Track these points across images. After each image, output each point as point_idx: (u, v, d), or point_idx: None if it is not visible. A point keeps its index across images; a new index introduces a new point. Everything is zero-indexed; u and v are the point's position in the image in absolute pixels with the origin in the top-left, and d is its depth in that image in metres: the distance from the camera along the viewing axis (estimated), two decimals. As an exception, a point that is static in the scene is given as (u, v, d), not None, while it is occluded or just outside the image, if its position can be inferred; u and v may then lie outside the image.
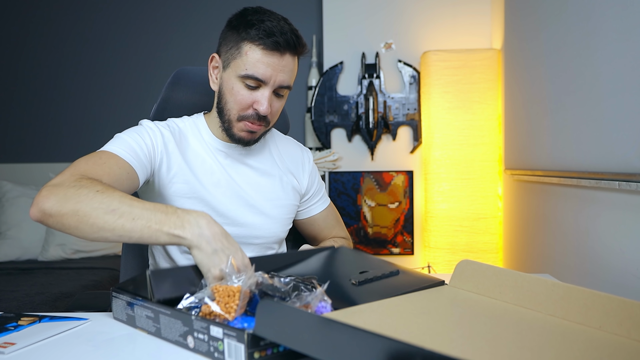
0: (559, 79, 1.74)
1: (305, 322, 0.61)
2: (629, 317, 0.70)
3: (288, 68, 1.09)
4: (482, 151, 2.49)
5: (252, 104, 1.09)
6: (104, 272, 2.47)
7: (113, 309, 0.90)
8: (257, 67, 1.06)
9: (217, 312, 0.74)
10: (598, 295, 0.74)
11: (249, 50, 1.06)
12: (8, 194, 2.87)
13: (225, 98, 1.11)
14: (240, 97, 1.09)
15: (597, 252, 1.49)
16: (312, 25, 3.04)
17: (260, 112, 1.09)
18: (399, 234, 2.73)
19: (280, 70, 1.08)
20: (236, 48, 1.08)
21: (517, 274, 0.85)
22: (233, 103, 1.10)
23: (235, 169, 1.19)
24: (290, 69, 1.10)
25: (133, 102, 3.14)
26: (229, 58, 1.10)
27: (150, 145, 1.10)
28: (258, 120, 1.11)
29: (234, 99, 1.10)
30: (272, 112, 1.12)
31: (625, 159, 1.31)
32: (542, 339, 0.70)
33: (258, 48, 1.06)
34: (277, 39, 1.05)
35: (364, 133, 2.72)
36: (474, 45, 2.69)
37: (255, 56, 1.06)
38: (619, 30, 1.35)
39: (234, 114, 1.11)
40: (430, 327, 0.72)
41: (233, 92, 1.09)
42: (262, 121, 1.12)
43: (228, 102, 1.11)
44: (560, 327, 0.75)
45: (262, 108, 1.08)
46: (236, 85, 1.09)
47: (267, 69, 1.06)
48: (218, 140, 1.19)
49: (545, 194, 1.91)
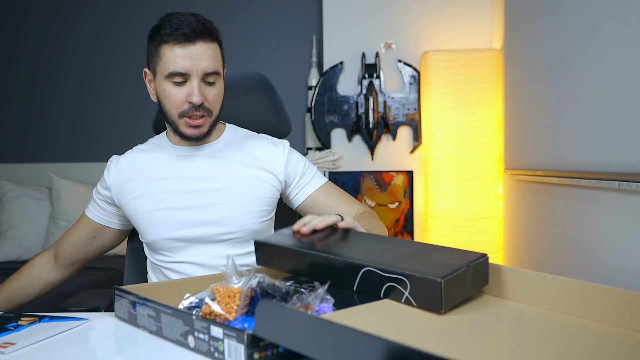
0: (559, 79, 1.74)
1: (304, 323, 0.61)
2: (629, 308, 0.71)
3: (206, 54, 1.14)
4: (482, 151, 2.49)
5: (185, 98, 1.15)
6: (104, 272, 2.47)
7: (115, 307, 0.90)
8: (176, 62, 1.12)
9: (217, 312, 0.74)
10: (598, 288, 0.75)
11: (165, 51, 1.13)
12: (8, 194, 2.87)
13: (163, 102, 1.18)
14: (172, 96, 1.15)
15: (597, 252, 1.49)
16: (312, 25, 3.04)
17: (194, 102, 1.14)
18: (399, 234, 2.73)
19: (197, 58, 1.13)
20: (156, 54, 1.16)
21: (516, 270, 0.85)
22: (169, 104, 1.17)
23: (190, 169, 1.23)
24: (209, 55, 1.15)
25: (133, 102, 3.14)
26: (154, 66, 1.17)
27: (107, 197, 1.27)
28: (197, 111, 1.15)
29: (168, 100, 1.16)
30: (209, 101, 1.17)
31: (625, 159, 1.31)
32: (542, 334, 0.70)
33: (171, 45, 1.13)
34: (184, 31, 1.12)
35: (364, 133, 2.72)
36: (474, 45, 2.69)
37: (171, 53, 1.13)
38: (619, 30, 1.35)
39: (174, 113, 1.17)
40: (430, 327, 0.72)
41: (166, 93, 1.16)
42: (203, 111, 1.16)
43: (165, 105, 1.18)
44: (561, 321, 0.75)
45: (195, 98, 1.14)
46: (167, 87, 1.15)
47: (185, 61, 1.12)
48: (175, 146, 1.25)
49: (545, 194, 1.91)
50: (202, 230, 1.19)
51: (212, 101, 1.17)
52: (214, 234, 1.20)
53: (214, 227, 1.20)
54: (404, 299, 0.78)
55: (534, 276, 0.82)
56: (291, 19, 3.04)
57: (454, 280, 0.76)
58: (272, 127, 1.43)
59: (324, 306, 0.77)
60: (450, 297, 0.76)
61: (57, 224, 2.76)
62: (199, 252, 1.20)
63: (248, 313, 0.76)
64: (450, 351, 0.63)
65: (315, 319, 0.60)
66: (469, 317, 0.76)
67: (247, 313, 0.76)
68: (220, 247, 1.21)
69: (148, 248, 1.27)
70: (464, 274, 0.78)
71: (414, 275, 0.76)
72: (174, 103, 1.15)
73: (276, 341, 0.63)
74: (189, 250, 1.20)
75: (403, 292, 0.78)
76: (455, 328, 0.72)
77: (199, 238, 1.20)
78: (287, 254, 0.92)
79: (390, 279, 0.79)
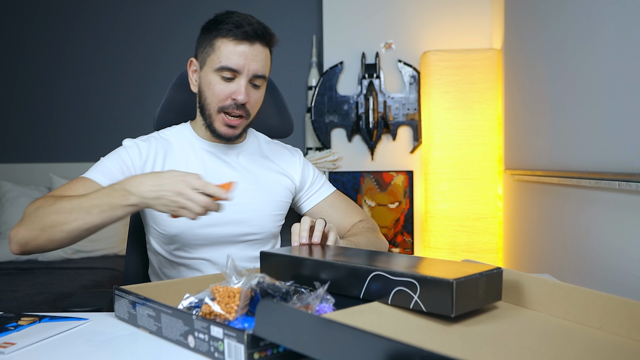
0: (558, 79, 1.74)
1: (304, 323, 0.61)
2: (629, 317, 0.70)
3: (260, 57, 1.16)
4: (482, 151, 2.49)
5: (230, 94, 1.16)
6: (104, 272, 2.47)
7: (115, 307, 0.90)
8: (230, 58, 1.14)
9: (217, 312, 0.74)
10: (598, 296, 0.74)
11: (221, 44, 1.14)
12: (8, 194, 2.87)
13: (205, 94, 1.19)
14: (217, 90, 1.16)
15: (597, 252, 1.49)
16: (312, 25, 3.04)
17: (238, 101, 1.15)
18: (399, 234, 2.73)
19: (252, 59, 1.15)
20: (210, 46, 1.16)
21: (518, 274, 0.85)
22: (212, 97, 1.17)
23: (221, 167, 1.24)
24: (262, 59, 1.17)
25: (133, 102, 3.14)
26: (205, 57, 1.18)
27: (129, 162, 1.18)
28: (237, 109, 1.16)
29: (212, 92, 1.17)
30: (250, 103, 1.18)
31: (625, 159, 1.31)
32: (541, 339, 0.70)
33: (229, 40, 1.14)
34: (245, 29, 1.13)
35: (364, 133, 2.72)
36: (474, 45, 2.69)
37: (227, 48, 1.14)
38: (618, 30, 1.35)
39: (214, 106, 1.17)
40: (430, 327, 0.72)
41: (211, 86, 1.16)
42: (242, 111, 1.17)
43: (207, 97, 1.18)
44: (561, 327, 0.75)
45: (241, 97, 1.14)
46: (213, 80, 1.16)
47: (239, 59, 1.13)
48: (203, 140, 1.25)
49: (545, 194, 1.91)
50: (227, 229, 1.20)
51: (253, 103, 1.19)
52: (238, 233, 1.21)
53: (238, 226, 1.21)
54: (413, 304, 0.75)
55: (534, 281, 0.82)
56: (291, 19, 3.04)
57: (466, 284, 0.73)
58: (274, 126, 1.43)
59: (324, 306, 0.77)
60: (462, 302, 0.73)
61: (57, 224, 2.75)
62: (218, 251, 1.21)
63: (248, 313, 0.76)
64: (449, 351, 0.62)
65: (316, 319, 0.60)
66: (468, 320, 0.76)
67: (247, 313, 0.76)
68: (240, 247, 1.23)
69: (163, 242, 1.22)
70: (477, 282, 0.75)
71: (425, 277, 0.74)
72: (218, 96, 1.16)
73: (276, 341, 0.63)
74: (210, 248, 1.20)
75: (412, 296, 0.75)
76: (453, 330, 0.72)
77: (223, 237, 1.20)
78: (292, 263, 0.93)
79: (400, 282, 0.77)
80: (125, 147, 1.21)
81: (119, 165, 1.17)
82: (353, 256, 0.92)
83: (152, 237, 1.24)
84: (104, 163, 1.18)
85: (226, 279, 0.80)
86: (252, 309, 0.76)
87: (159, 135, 1.27)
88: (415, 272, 0.76)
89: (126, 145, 1.22)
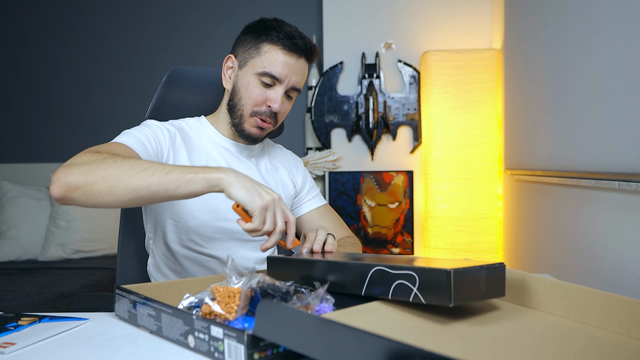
0: (558, 79, 1.74)
1: (304, 323, 0.61)
2: (628, 315, 0.70)
3: (301, 71, 1.18)
4: (482, 151, 2.49)
5: (266, 101, 1.16)
6: (104, 272, 2.47)
7: (115, 307, 0.90)
8: (275, 65, 1.15)
9: (217, 312, 0.74)
10: (598, 294, 0.74)
11: (269, 50, 1.15)
12: (8, 194, 2.87)
13: (240, 94, 1.18)
14: (255, 94, 1.16)
15: (597, 252, 1.49)
16: (312, 25, 3.04)
17: (273, 109, 1.16)
18: (399, 234, 2.73)
19: (295, 71, 1.16)
20: (255, 48, 1.17)
21: (517, 273, 0.85)
22: (247, 99, 1.17)
23: (239, 166, 1.25)
24: (303, 73, 1.19)
25: (133, 102, 3.14)
26: (247, 57, 1.18)
27: (158, 140, 1.14)
28: (269, 117, 1.18)
29: (248, 94, 1.17)
30: (281, 112, 1.19)
31: (625, 159, 1.31)
32: (541, 338, 0.70)
33: (278, 48, 1.15)
34: (296, 42, 1.15)
35: (364, 133, 2.72)
36: (474, 45, 2.69)
37: (274, 56, 1.15)
38: (618, 30, 1.35)
39: (248, 109, 1.18)
40: (430, 327, 0.72)
41: (249, 88, 1.17)
42: (273, 119, 1.19)
43: (243, 97, 1.18)
44: (560, 325, 0.75)
45: (276, 105, 1.16)
46: (252, 82, 1.16)
47: (284, 69, 1.15)
48: (224, 138, 1.25)
49: (545, 194, 1.91)
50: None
51: (283, 113, 1.21)
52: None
53: None
54: (413, 297, 0.76)
55: (534, 280, 0.82)
56: (291, 19, 3.03)
57: (465, 274, 0.73)
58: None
59: (324, 306, 0.77)
60: (461, 292, 0.72)
61: (57, 224, 2.76)
62: (230, 249, 1.21)
63: (248, 313, 0.76)
64: (449, 351, 0.63)
65: (316, 319, 0.60)
66: (467, 318, 0.76)
67: (247, 313, 0.76)
68: (251, 246, 1.23)
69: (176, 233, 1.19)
70: (477, 273, 0.75)
71: (424, 269, 0.75)
72: (254, 100, 1.16)
73: (276, 341, 0.63)
74: (222, 244, 1.20)
75: (412, 288, 0.76)
76: (453, 330, 0.72)
77: (237, 232, 1.20)
78: (297, 265, 0.97)
79: (400, 275, 0.78)
80: (152, 124, 1.17)
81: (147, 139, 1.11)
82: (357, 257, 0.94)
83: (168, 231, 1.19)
84: (132, 134, 1.10)
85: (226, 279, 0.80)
86: (252, 309, 0.76)
87: (179, 123, 1.24)
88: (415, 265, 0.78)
89: (153, 124, 1.17)
